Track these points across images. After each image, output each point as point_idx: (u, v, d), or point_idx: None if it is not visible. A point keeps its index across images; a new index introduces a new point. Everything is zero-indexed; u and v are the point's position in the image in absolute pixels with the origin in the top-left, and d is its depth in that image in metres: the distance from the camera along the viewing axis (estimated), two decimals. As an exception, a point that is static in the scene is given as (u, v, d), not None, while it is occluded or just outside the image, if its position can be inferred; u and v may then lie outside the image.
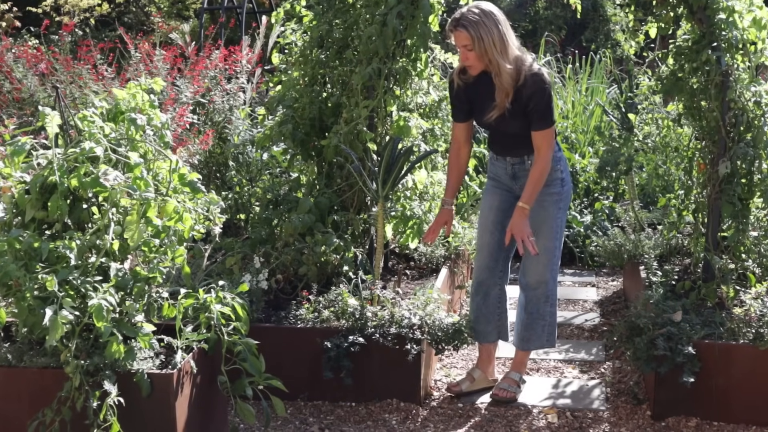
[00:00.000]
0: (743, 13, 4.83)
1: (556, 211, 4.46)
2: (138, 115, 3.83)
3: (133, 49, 7.57)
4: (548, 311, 4.58)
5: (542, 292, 4.54)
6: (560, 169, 4.44)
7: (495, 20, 4.19)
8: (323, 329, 4.49)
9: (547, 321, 4.60)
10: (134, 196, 3.56)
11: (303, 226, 4.97)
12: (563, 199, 4.48)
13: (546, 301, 4.56)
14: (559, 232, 4.51)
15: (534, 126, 4.28)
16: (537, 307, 4.56)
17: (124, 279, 3.54)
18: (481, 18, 4.17)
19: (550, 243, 4.47)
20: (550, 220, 4.45)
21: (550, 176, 4.38)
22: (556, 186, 4.44)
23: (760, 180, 4.84)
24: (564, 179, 4.47)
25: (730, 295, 4.59)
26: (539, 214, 4.42)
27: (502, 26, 4.21)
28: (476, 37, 4.15)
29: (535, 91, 4.21)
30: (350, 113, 5.17)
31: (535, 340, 4.62)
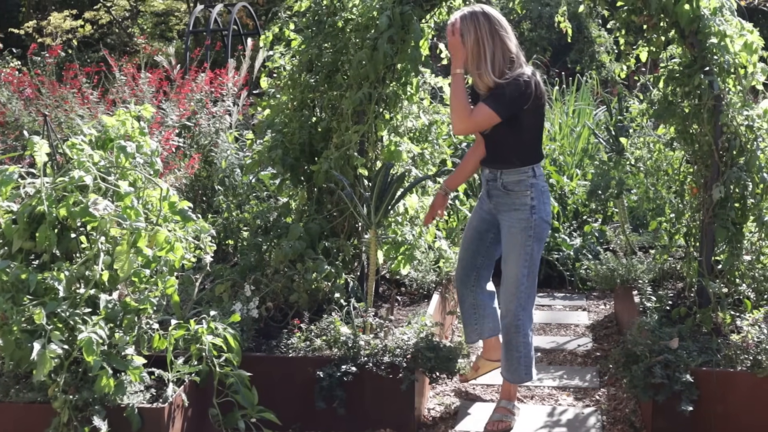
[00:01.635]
0: (734, 38, 4.82)
1: (524, 239, 4.36)
2: (128, 143, 3.77)
3: (117, 72, 7.51)
4: (521, 342, 4.48)
5: (511, 322, 4.44)
6: (531, 196, 4.36)
7: (477, 24, 4.27)
8: (315, 358, 4.41)
9: (522, 353, 4.49)
10: (124, 225, 3.49)
11: (293, 252, 4.90)
12: (533, 227, 4.36)
13: (517, 332, 4.45)
14: (528, 261, 4.38)
15: (486, 99, 4.26)
16: (509, 338, 4.49)
17: (114, 310, 3.47)
18: (469, 17, 4.28)
19: (516, 270, 4.38)
20: (518, 248, 4.37)
21: (519, 200, 4.36)
22: (524, 211, 4.36)
23: (753, 204, 4.81)
24: (535, 207, 4.35)
25: (727, 321, 4.55)
26: (508, 240, 4.41)
27: (486, 33, 4.27)
28: (462, 31, 4.27)
29: (510, 83, 4.22)
30: (341, 138, 5.12)
31: (513, 373, 4.55)
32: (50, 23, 15.91)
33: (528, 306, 4.46)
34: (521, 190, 4.36)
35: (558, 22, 5.62)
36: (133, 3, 17.08)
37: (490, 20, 4.29)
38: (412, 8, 4.99)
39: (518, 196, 4.36)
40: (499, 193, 4.43)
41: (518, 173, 4.36)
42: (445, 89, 5.96)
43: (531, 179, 4.36)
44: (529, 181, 4.36)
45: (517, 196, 4.37)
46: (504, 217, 4.44)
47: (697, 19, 4.74)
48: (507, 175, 4.38)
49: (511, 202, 4.39)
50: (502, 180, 4.40)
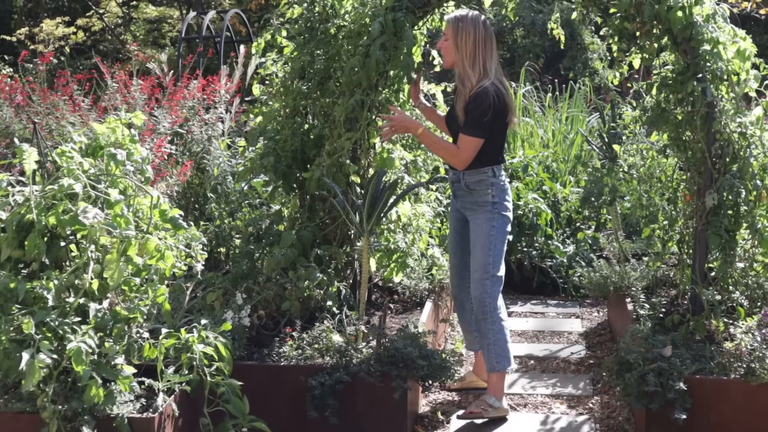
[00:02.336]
0: (727, 45, 4.82)
1: (489, 229, 4.66)
2: (118, 150, 3.74)
3: (109, 79, 7.48)
4: (490, 329, 4.64)
5: (479, 309, 4.66)
6: (492, 194, 4.68)
7: (476, 28, 4.62)
8: (307, 367, 4.38)
9: (491, 340, 4.64)
10: (114, 234, 3.46)
11: (286, 260, 4.88)
12: (496, 218, 4.67)
13: (484, 319, 4.65)
14: (492, 251, 4.65)
15: (461, 129, 4.62)
16: (479, 325, 4.71)
17: (104, 319, 3.44)
18: (465, 20, 4.63)
19: (482, 258, 4.64)
20: (483, 238, 4.66)
21: (482, 198, 4.69)
22: (486, 208, 4.68)
23: (746, 211, 4.80)
24: (496, 204, 4.68)
25: (720, 329, 4.53)
26: (474, 233, 4.73)
27: (479, 36, 4.62)
28: (454, 31, 4.61)
29: (475, 98, 4.57)
30: (333, 145, 5.10)
31: (487, 362, 4.71)
32: (42, 30, 15.86)
33: (494, 294, 4.67)
34: (482, 188, 4.69)
35: (551, 29, 5.60)
36: (126, 10, 17.05)
37: (486, 28, 4.65)
38: (404, 15, 4.97)
39: (480, 195, 4.69)
40: (463, 192, 4.76)
41: (479, 174, 4.68)
42: (438, 96, 5.95)
43: (491, 179, 4.69)
44: (489, 180, 4.68)
45: (479, 194, 4.70)
46: (469, 213, 4.78)
47: (690, 26, 4.73)
48: (469, 175, 4.70)
49: (474, 200, 4.72)
50: (465, 180, 4.71)
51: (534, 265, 7.12)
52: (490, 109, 4.55)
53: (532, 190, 7.50)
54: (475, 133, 4.58)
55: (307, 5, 5.41)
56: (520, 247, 7.18)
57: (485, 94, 4.56)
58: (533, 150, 8.39)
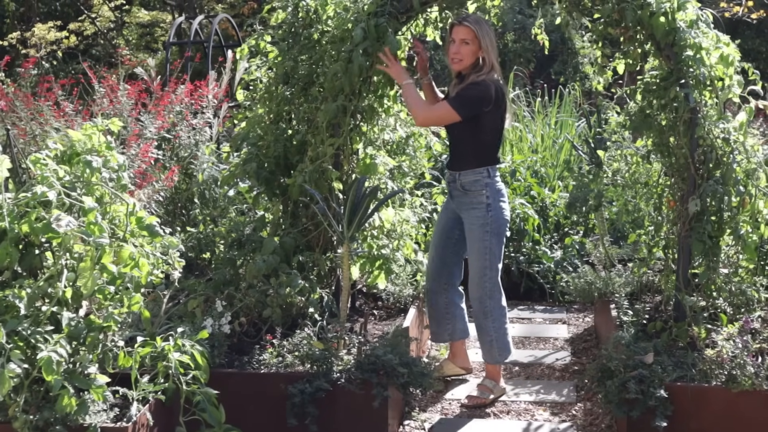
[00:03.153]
0: (710, 50, 4.80)
1: (483, 234, 4.79)
2: (93, 157, 3.71)
3: (96, 84, 7.46)
4: (491, 326, 4.90)
5: (479, 308, 4.89)
6: (487, 195, 4.80)
7: (491, 29, 4.87)
8: (287, 374, 4.36)
9: (492, 336, 4.92)
10: (88, 242, 3.44)
11: (267, 267, 4.84)
12: (490, 223, 4.79)
13: (486, 318, 4.89)
14: (488, 254, 4.81)
15: (449, 98, 4.79)
16: (479, 322, 4.94)
17: (77, 328, 3.40)
18: (483, 21, 4.82)
19: (479, 263, 4.82)
20: (478, 243, 4.81)
21: (476, 199, 4.81)
22: (480, 209, 4.80)
23: (729, 217, 4.79)
24: (491, 205, 4.79)
25: (702, 336, 4.51)
26: (469, 236, 4.87)
27: (493, 33, 4.87)
28: (478, 35, 4.74)
29: (476, 84, 4.73)
30: (315, 151, 5.08)
31: (486, 354, 5.00)
32: (34, 34, 15.83)
33: (494, 294, 4.89)
34: (477, 189, 4.80)
35: (535, 34, 5.59)
36: (118, 14, 17.03)
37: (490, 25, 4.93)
38: (387, 20, 4.95)
39: (475, 196, 4.81)
40: (458, 193, 4.90)
41: (474, 174, 4.80)
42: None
43: (486, 179, 4.80)
44: (484, 181, 4.80)
45: (474, 195, 4.82)
46: (464, 215, 4.90)
47: (672, 32, 4.72)
48: (464, 175, 4.83)
49: (469, 201, 4.84)
50: (461, 181, 4.85)
51: (521, 270, 7.10)
52: (489, 100, 4.70)
53: (520, 196, 7.48)
54: (456, 107, 4.70)
55: (290, 10, 5.39)
56: (507, 252, 7.15)
57: (488, 84, 4.72)
58: (522, 155, 8.38)
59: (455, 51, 4.80)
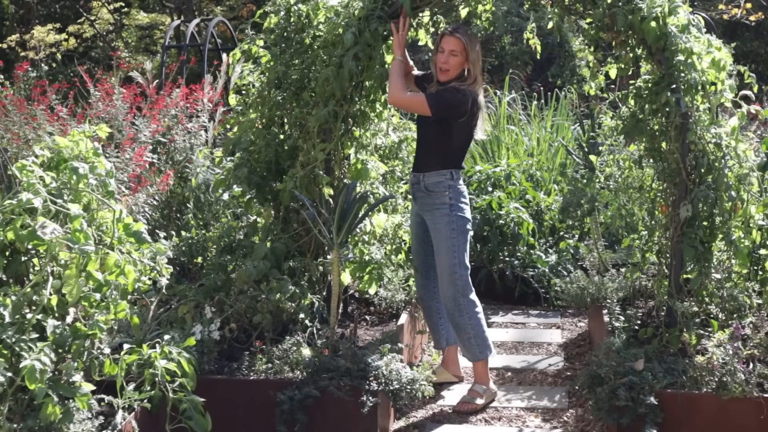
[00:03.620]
0: (702, 55, 4.78)
1: (449, 232, 4.86)
2: (80, 164, 3.70)
3: (92, 88, 7.45)
4: (467, 323, 4.92)
5: (453, 306, 4.91)
6: (450, 196, 4.89)
7: (479, 42, 4.95)
8: (277, 381, 4.35)
9: (470, 333, 4.94)
10: (74, 249, 3.42)
11: (258, 272, 4.84)
12: (455, 221, 4.87)
13: (460, 315, 4.90)
14: (456, 252, 4.87)
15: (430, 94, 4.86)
16: (455, 321, 4.94)
17: (63, 336, 3.39)
18: (472, 34, 4.93)
19: (448, 261, 4.87)
20: (446, 240, 4.87)
21: (439, 199, 4.90)
22: (444, 209, 4.89)
23: (721, 222, 4.77)
24: (453, 205, 4.89)
25: (692, 342, 4.50)
26: (435, 237, 4.93)
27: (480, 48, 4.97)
28: (467, 47, 4.83)
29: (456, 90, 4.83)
30: (306, 156, 5.07)
31: (467, 352, 5.02)
32: (33, 37, 15.83)
33: (466, 291, 4.92)
34: (441, 191, 4.89)
35: (527, 38, 5.58)
36: (117, 17, 17.03)
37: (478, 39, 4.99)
38: (378, 25, 4.95)
39: (438, 197, 4.90)
40: (422, 194, 4.96)
41: (438, 175, 4.89)
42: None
43: (449, 181, 4.90)
44: (447, 182, 4.89)
45: (437, 196, 4.90)
46: (428, 216, 4.97)
47: (663, 37, 4.71)
48: (428, 177, 4.91)
49: (432, 202, 4.92)
50: (425, 182, 4.92)
51: (516, 274, 7.08)
52: (464, 109, 4.82)
53: (515, 200, 7.46)
54: (431, 103, 4.79)
55: (282, 15, 5.38)
56: (502, 256, 7.14)
57: (467, 95, 4.82)
58: (517, 158, 8.36)
59: (444, 61, 4.86)
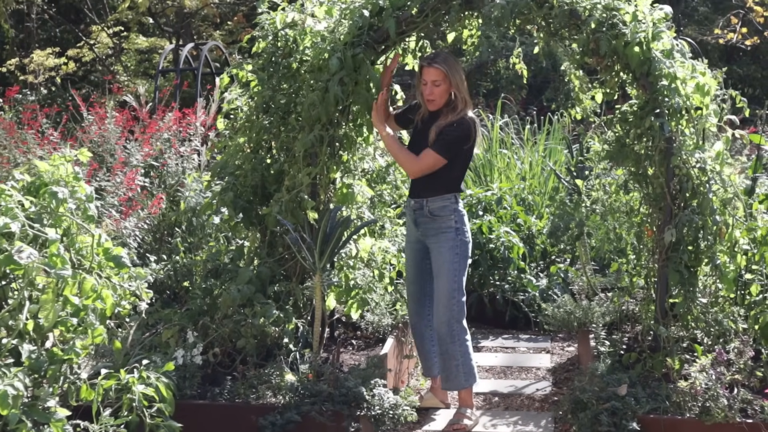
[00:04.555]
0: (686, 80, 4.80)
1: (452, 256, 4.83)
2: (59, 188, 3.71)
3: (85, 112, 7.48)
4: (458, 351, 4.87)
5: (446, 332, 4.84)
6: (455, 220, 4.87)
7: (459, 65, 4.90)
8: (259, 406, 4.33)
9: (460, 361, 4.88)
10: (51, 273, 3.43)
11: (242, 297, 4.83)
12: (458, 246, 4.85)
13: (452, 341, 4.85)
14: (457, 277, 4.84)
15: (432, 144, 4.79)
16: (446, 347, 4.87)
17: (38, 361, 3.39)
18: (451, 59, 4.86)
19: (448, 285, 4.82)
20: (447, 264, 4.83)
21: (445, 224, 4.86)
22: (449, 233, 4.86)
23: (706, 247, 4.76)
24: (459, 229, 4.86)
25: (676, 367, 4.48)
26: (437, 260, 4.88)
27: (462, 69, 4.91)
28: (449, 74, 4.79)
29: (459, 125, 4.80)
30: (292, 180, 5.08)
31: (453, 380, 4.94)
32: (33, 61, 15.89)
33: (460, 318, 4.87)
34: (446, 215, 4.87)
35: (513, 63, 5.61)
36: (117, 41, 17.10)
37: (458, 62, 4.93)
38: (363, 51, 4.97)
39: (444, 221, 4.87)
40: (426, 219, 4.91)
41: (443, 200, 4.87)
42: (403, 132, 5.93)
43: (453, 205, 4.89)
44: (452, 206, 4.88)
45: (443, 220, 4.87)
46: (432, 240, 4.92)
47: (647, 62, 4.72)
48: (433, 202, 4.87)
49: (438, 226, 4.88)
50: (429, 207, 4.88)
51: (506, 299, 7.06)
52: (470, 139, 4.82)
53: (506, 224, 7.46)
54: (442, 153, 4.77)
55: (270, 39, 5.41)
56: (492, 280, 7.12)
57: (469, 123, 4.82)
58: (510, 182, 8.37)
59: (429, 93, 4.84)
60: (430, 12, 4.99)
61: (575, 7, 4.80)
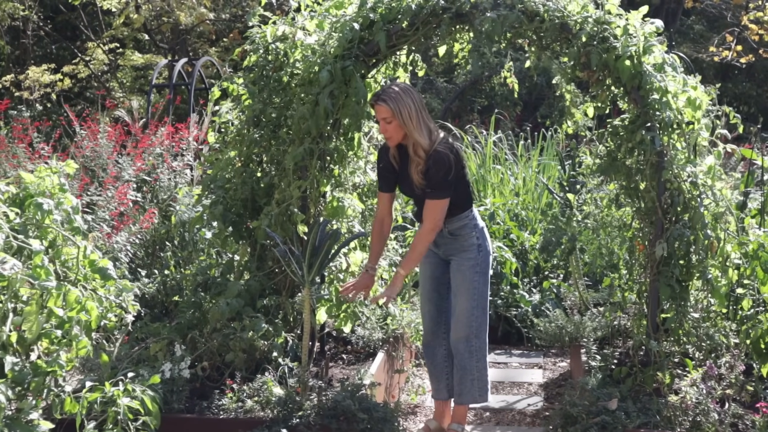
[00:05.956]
0: (678, 93, 4.79)
1: (473, 275, 4.75)
2: (45, 200, 3.69)
3: (77, 127, 7.48)
4: (475, 366, 4.80)
5: (465, 348, 4.78)
6: (476, 236, 4.78)
7: (412, 97, 4.59)
8: (246, 420, 4.29)
9: (476, 376, 4.82)
10: (35, 285, 3.40)
11: (231, 310, 4.80)
12: (480, 264, 4.77)
13: (471, 357, 4.78)
14: (477, 294, 4.76)
15: (427, 194, 4.62)
16: (463, 363, 4.80)
17: (22, 373, 3.35)
18: (399, 94, 4.56)
19: (467, 303, 4.74)
20: (467, 283, 4.75)
21: (467, 242, 4.76)
22: (472, 251, 4.77)
23: (698, 261, 4.74)
24: (480, 245, 4.78)
25: (667, 382, 4.45)
26: (457, 278, 4.80)
27: (417, 103, 4.61)
28: (396, 110, 4.53)
29: (435, 163, 4.56)
30: (282, 194, 5.05)
31: (466, 394, 4.85)
32: (28, 77, 15.90)
33: (481, 334, 4.81)
34: (467, 233, 4.77)
35: (504, 77, 5.60)
36: (112, 57, 17.12)
37: (414, 91, 4.66)
38: (353, 64, 4.96)
39: (465, 239, 4.77)
40: (446, 240, 4.80)
41: (461, 219, 4.75)
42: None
43: (473, 221, 4.79)
44: (471, 223, 4.78)
45: (464, 238, 4.77)
46: (454, 258, 4.82)
47: (638, 75, 4.71)
48: (451, 223, 4.73)
49: (459, 245, 4.78)
50: (448, 228, 4.74)
51: (499, 314, 7.04)
52: (452, 169, 4.59)
53: (499, 239, 7.44)
54: (442, 196, 4.60)
55: (261, 53, 5.40)
56: (485, 296, 7.09)
57: (442, 157, 4.56)
58: (503, 197, 8.35)
59: (383, 130, 4.63)
60: (421, 25, 4.98)
61: (566, 21, 4.80)
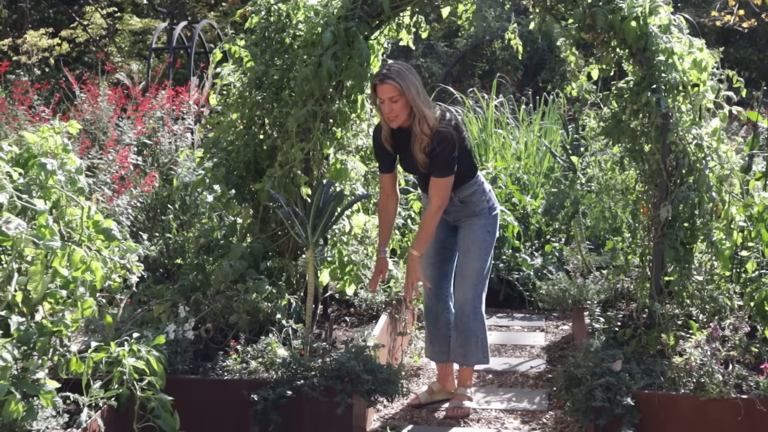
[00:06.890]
0: (683, 55, 4.75)
1: (484, 235, 4.85)
2: (48, 160, 3.66)
3: (77, 90, 7.43)
4: (478, 327, 4.88)
5: (470, 308, 4.84)
6: (487, 199, 4.88)
7: (413, 73, 4.63)
8: (250, 381, 4.30)
9: (479, 337, 4.89)
10: (39, 245, 3.38)
11: (234, 272, 4.79)
12: (491, 223, 4.88)
13: (475, 317, 4.86)
14: (486, 255, 4.87)
15: (433, 173, 4.65)
16: (467, 324, 4.86)
17: (27, 333, 3.35)
18: (402, 71, 4.58)
19: (477, 263, 4.83)
20: (479, 242, 4.84)
21: (478, 207, 4.85)
22: (484, 215, 4.87)
23: (702, 224, 4.73)
24: (492, 207, 4.90)
25: (671, 343, 4.45)
26: (468, 238, 4.87)
27: (418, 79, 4.65)
28: (404, 87, 4.53)
29: (439, 144, 4.58)
30: (285, 156, 5.03)
31: (471, 356, 4.92)
32: (26, 41, 15.78)
33: (482, 294, 4.91)
34: (477, 198, 4.85)
35: (508, 39, 5.56)
36: (110, 21, 16.99)
37: (413, 70, 4.68)
38: (357, 25, 4.91)
39: (476, 204, 4.85)
40: (457, 207, 4.86)
41: (470, 186, 4.82)
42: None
43: (481, 186, 4.87)
44: (480, 188, 4.86)
45: (475, 204, 4.85)
46: (465, 222, 4.90)
47: (644, 37, 4.67)
48: (461, 191, 4.80)
49: (471, 211, 4.87)
50: (459, 197, 4.81)
51: (501, 277, 7.04)
52: (455, 146, 4.62)
53: (501, 203, 7.42)
54: (447, 173, 4.63)
55: (263, 15, 5.35)
56: (486, 259, 7.09)
57: (445, 136, 4.57)
58: (504, 162, 8.33)
59: (388, 110, 4.56)
60: (425, -15, 4.94)
61: (572, -19, 4.75)
